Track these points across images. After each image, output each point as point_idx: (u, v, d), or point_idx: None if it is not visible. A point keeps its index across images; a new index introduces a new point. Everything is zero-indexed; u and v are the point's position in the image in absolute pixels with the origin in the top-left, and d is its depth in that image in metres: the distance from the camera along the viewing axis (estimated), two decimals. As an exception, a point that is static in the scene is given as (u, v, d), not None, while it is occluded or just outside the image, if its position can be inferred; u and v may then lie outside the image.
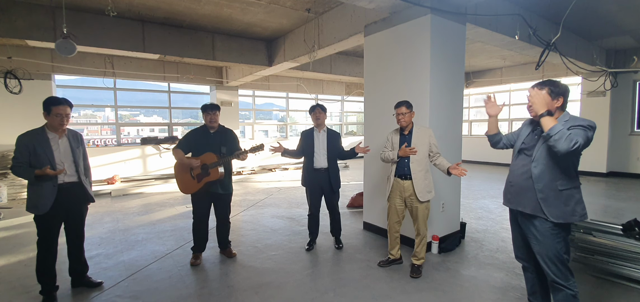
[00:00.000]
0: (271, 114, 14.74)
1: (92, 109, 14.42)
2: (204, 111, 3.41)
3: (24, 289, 2.99)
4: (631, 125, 8.96)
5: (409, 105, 3.09)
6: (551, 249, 2.04)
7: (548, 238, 2.04)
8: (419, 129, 3.13)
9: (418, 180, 3.04)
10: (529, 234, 2.15)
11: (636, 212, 5.24)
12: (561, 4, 4.77)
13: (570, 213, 1.99)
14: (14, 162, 2.58)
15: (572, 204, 2.00)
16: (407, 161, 3.08)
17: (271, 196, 6.93)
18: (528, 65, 10.14)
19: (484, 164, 11.58)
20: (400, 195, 3.15)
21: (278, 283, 3.09)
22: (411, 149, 2.99)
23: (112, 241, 4.24)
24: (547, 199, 2.02)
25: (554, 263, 2.05)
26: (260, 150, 3.40)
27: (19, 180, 6.60)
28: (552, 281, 2.09)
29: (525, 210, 2.11)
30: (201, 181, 3.34)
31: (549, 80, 2.11)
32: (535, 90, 2.07)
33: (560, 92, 2.06)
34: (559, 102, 2.05)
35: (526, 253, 2.31)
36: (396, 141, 3.17)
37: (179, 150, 3.36)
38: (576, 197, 2.01)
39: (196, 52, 6.80)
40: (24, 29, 5.18)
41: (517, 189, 2.16)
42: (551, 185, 2.01)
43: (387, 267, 3.39)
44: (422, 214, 3.09)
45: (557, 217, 1.99)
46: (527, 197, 2.09)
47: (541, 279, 2.32)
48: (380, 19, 4.30)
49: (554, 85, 2.07)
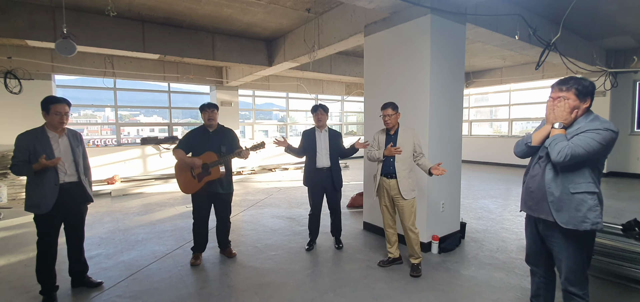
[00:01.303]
0: (271, 114, 14.73)
1: (92, 109, 14.41)
2: (202, 110, 3.44)
3: (24, 289, 2.98)
4: (631, 125, 8.96)
5: (394, 107, 3.18)
6: (573, 260, 1.93)
7: (571, 247, 1.92)
8: (404, 130, 3.22)
9: (402, 179, 3.12)
10: (552, 241, 2.02)
11: (636, 212, 5.25)
12: (561, 4, 4.77)
13: (581, 219, 1.84)
14: (13, 161, 2.58)
15: (583, 210, 1.84)
16: (392, 160, 3.16)
17: (271, 196, 6.93)
18: (528, 65, 10.14)
19: (484, 164, 11.58)
20: (387, 193, 3.24)
21: (278, 283, 3.09)
22: (396, 148, 3.07)
23: (112, 241, 4.24)
24: (556, 202, 1.90)
25: (573, 272, 1.94)
26: (261, 148, 3.42)
27: (19, 180, 6.60)
28: (566, 290, 2.00)
29: (546, 217, 1.97)
30: (202, 180, 3.34)
31: (573, 77, 1.92)
32: (562, 100, 1.90)
33: (589, 91, 1.88)
34: (587, 104, 1.89)
35: (539, 259, 2.20)
36: (382, 141, 3.27)
37: (180, 150, 3.38)
38: (589, 204, 1.84)
39: (196, 52, 6.80)
40: (24, 29, 5.18)
41: (537, 195, 2.02)
42: (563, 189, 1.88)
43: (387, 267, 3.40)
44: (408, 211, 3.15)
45: (566, 223, 1.87)
46: (546, 203, 1.96)
47: (548, 283, 2.25)
48: (380, 19, 4.30)
49: (580, 84, 1.87)
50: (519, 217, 5.14)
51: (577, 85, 1.88)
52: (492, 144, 11.69)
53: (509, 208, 5.72)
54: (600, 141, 1.78)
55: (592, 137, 1.78)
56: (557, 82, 1.97)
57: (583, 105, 1.90)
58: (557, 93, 1.95)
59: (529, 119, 11.83)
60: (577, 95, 1.89)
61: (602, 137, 1.78)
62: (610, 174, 8.99)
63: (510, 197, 6.61)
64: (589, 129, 1.82)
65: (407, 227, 3.17)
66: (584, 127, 1.85)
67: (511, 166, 10.66)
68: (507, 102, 11.69)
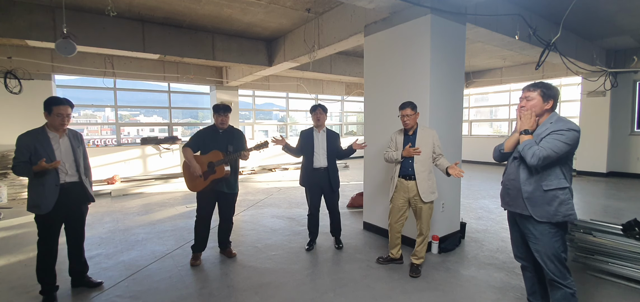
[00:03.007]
0: (271, 114, 14.73)
1: (92, 109, 14.39)
2: (216, 112, 3.45)
3: (24, 289, 2.99)
4: (631, 125, 8.96)
5: (413, 107, 3.10)
6: (549, 247, 2.10)
7: (545, 237, 2.10)
8: (423, 130, 3.14)
9: (422, 180, 3.05)
10: (528, 233, 2.20)
11: (636, 212, 5.24)
12: (561, 4, 4.77)
13: (553, 213, 2.05)
14: (14, 161, 2.58)
15: (555, 205, 2.05)
16: (411, 161, 3.09)
17: (271, 195, 6.93)
18: (528, 65, 10.14)
19: (484, 164, 11.58)
20: (404, 195, 3.16)
21: (278, 283, 3.09)
22: (415, 149, 3.00)
23: (112, 241, 4.24)
24: (531, 199, 2.11)
25: (552, 261, 2.10)
26: (264, 147, 3.42)
27: (19, 180, 6.60)
28: (551, 280, 2.14)
29: (521, 211, 2.18)
30: (208, 178, 3.35)
31: (542, 82, 2.19)
32: (529, 110, 2.14)
33: (552, 95, 2.14)
34: (549, 105, 2.14)
35: (525, 252, 2.35)
36: (400, 141, 3.19)
37: (188, 148, 3.41)
38: (560, 198, 2.05)
39: (196, 52, 6.80)
40: (24, 29, 5.18)
41: (513, 192, 2.22)
42: (537, 186, 2.09)
43: (386, 265, 3.40)
44: (426, 215, 3.10)
45: (541, 217, 2.08)
46: (521, 199, 2.17)
47: (540, 278, 2.35)
48: (380, 19, 4.30)
49: (546, 88, 2.15)
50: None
51: (543, 88, 2.15)
52: (492, 144, 11.44)
53: (509, 208, 5.72)
54: (565, 141, 1.98)
55: (557, 138, 1.99)
56: (527, 86, 2.23)
57: (545, 106, 2.14)
58: (526, 93, 2.19)
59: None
60: (542, 96, 2.13)
61: (566, 137, 1.98)
62: (610, 174, 8.98)
63: (510, 197, 6.60)
64: (554, 130, 2.03)
65: (422, 229, 3.13)
66: (549, 128, 2.06)
67: (511, 166, 10.64)
68: (507, 102, 11.69)
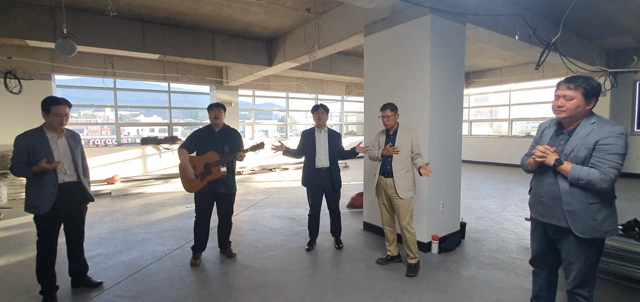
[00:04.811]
0: (271, 114, 14.72)
1: (92, 109, 14.39)
2: (210, 109, 3.47)
3: (24, 289, 2.99)
4: (631, 125, 8.96)
5: (393, 108, 3.21)
6: (585, 262, 1.92)
7: (585, 253, 1.90)
8: (403, 130, 3.26)
9: (399, 178, 3.15)
10: (563, 247, 1.99)
11: (636, 212, 5.24)
12: (561, 4, 4.77)
13: (597, 228, 1.83)
14: (13, 162, 2.58)
15: (600, 219, 1.82)
16: (390, 159, 3.20)
17: (271, 196, 6.92)
18: (528, 65, 10.14)
19: (484, 164, 11.58)
20: (384, 192, 3.28)
21: (278, 283, 3.09)
22: (394, 148, 3.12)
23: (112, 241, 4.24)
24: (574, 212, 1.86)
25: (583, 275, 1.94)
26: (260, 148, 3.42)
27: (19, 180, 6.60)
28: (572, 291, 1.99)
29: (558, 223, 1.94)
30: (204, 179, 3.35)
31: (582, 77, 1.84)
32: (544, 150, 1.89)
33: (596, 93, 1.82)
34: (592, 105, 1.84)
35: (545, 263, 2.20)
36: (382, 141, 3.35)
37: (184, 150, 3.40)
38: (605, 212, 1.82)
39: (196, 52, 6.80)
40: (24, 29, 5.18)
41: (547, 202, 1.98)
42: (581, 198, 1.84)
43: (386, 265, 3.41)
44: (403, 211, 3.17)
45: (582, 232, 1.84)
46: (560, 210, 1.92)
47: (550, 284, 2.25)
48: (380, 19, 4.30)
49: (589, 85, 1.80)
50: (519, 217, 5.14)
51: (585, 85, 1.80)
52: (492, 144, 11.70)
53: (509, 208, 5.72)
54: (621, 151, 1.76)
55: (614, 151, 1.75)
56: (565, 79, 1.88)
57: (588, 107, 1.84)
58: (563, 91, 1.88)
59: (529, 119, 11.84)
60: (584, 95, 1.82)
61: (620, 147, 1.76)
62: (610, 174, 8.98)
63: (510, 197, 6.61)
64: (603, 140, 1.77)
65: (402, 226, 3.19)
66: (594, 134, 1.80)
67: (511, 166, 10.66)
68: (507, 102, 11.69)
